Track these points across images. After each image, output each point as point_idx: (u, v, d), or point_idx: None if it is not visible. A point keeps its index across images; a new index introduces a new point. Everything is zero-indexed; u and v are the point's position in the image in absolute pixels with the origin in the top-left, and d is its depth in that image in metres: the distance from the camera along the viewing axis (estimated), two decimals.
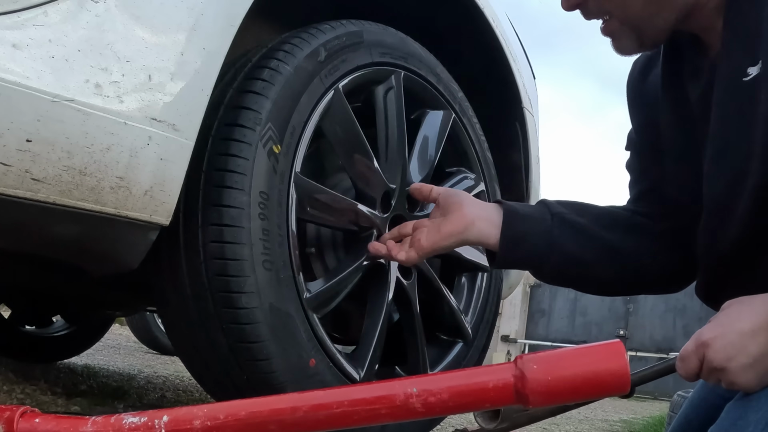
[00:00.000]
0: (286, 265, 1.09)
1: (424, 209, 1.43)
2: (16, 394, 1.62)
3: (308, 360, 1.11)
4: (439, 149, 1.46)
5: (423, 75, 1.44)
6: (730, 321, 0.75)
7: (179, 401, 2.20)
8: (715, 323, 0.77)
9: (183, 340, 1.17)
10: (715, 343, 0.75)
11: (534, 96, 1.84)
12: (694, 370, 0.79)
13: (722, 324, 0.76)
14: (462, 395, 0.74)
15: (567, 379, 0.72)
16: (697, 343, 0.77)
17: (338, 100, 1.21)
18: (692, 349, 0.78)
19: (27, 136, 0.79)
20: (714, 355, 0.75)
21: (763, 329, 0.73)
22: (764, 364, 0.73)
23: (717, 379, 0.77)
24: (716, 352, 0.75)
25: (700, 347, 0.77)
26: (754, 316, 0.74)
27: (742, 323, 0.74)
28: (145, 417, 0.75)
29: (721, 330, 0.75)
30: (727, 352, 0.74)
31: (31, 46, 0.79)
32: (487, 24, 1.58)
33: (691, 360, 0.78)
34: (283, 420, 0.74)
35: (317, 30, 1.21)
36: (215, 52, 0.98)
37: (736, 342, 0.73)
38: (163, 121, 0.91)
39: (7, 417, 0.76)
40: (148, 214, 0.92)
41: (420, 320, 1.37)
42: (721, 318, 0.77)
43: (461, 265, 1.57)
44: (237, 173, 1.04)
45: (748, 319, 0.74)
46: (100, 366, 3.01)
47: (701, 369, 0.78)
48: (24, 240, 0.97)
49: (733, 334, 0.74)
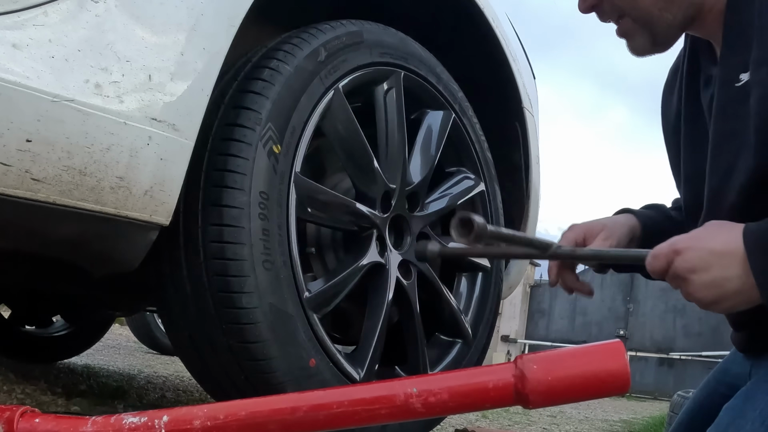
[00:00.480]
0: (286, 265, 1.09)
1: (424, 209, 1.43)
2: (16, 394, 1.62)
3: (308, 360, 1.11)
4: (439, 149, 1.46)
5: (423, 75, 1.44)
6: (706, 237, 0.79)
7: (179, 401, 2.20)
8: (693, 235, 0.80)
9: (183, 340, 1.17)
10: (686, 253, 0.78)
11: (534, 96, 1.84)
12: (661, 270, 0.81)
13: (698, 238, 0.79)
14: (462, 395, 0.74)
15: (567, 379, 0.72)
16: (670, 248, 0.80)
17: (338, 100, 1.21)
18: (665, 252, 0.80)
19: (27, 136, 0.79)
20: (681, 264, 0.78)
21: (731, 254, 0.76)
22: (723, 287, 0.76)
23: (677, 285, 0.80)
24: (684, 261, 0.78)
25: (671, 252, 0.79)
26: (728, 240, 0.76)
27: (715, 243, 0.77)
28: (145, 417, 0.75)
29: (695, 243, 0.78)
30: (694, 264, 0.77)
31: (31, 46, 0.79)
32: (488, 24, 1.58)
33: (661, 261, 0.81)
34: (283, 420, 0.74)
35: (317, 30, 1.21)
36: (215, 52, 0.98)
37: (704, 257, 0.76)
38: (163, 121, 0.91)
39: (7, 417, 0.76)
40: (148, 214, 0.92)
41: (420, 320, 1.37)
42: (699, 232, 0.80)
43: (461, 266, 1.57)
44: (237, 173, 1.04)
45: (722, 240, 0.77)
46: (100, 366, 3.01)
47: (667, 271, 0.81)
48: (24, 240, 0.97)
49: (704, 250, 0.77)
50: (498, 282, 1.65)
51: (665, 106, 1.11)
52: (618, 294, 11.16)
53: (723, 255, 0.76)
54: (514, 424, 2.86)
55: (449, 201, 1.51)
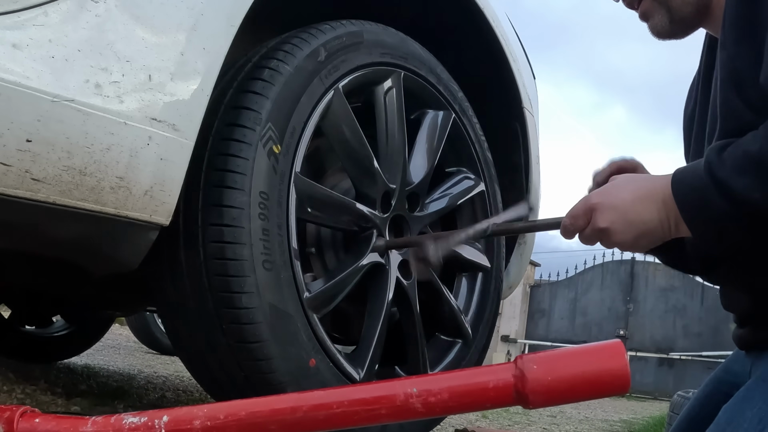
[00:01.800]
0: (286, 265, 1.09)
1: (424, 209, 1.43)
2: (16, 394, 1.62)
3: (308, 360, 1.11)
4: (439, 149, 1.46)
5: (423, 75, 1.44)
6: (616, 191, 0.88)
7: (179, 401, 2.20)
8: (604, 190, 0.90)
9: (183, 340, 1.17)
10: (601, 207, 0.88)
11: (534, 96, 1.84)
12: (581, 227, 0.91)
13: (609, 193, 0.89)
14: (462, 395, 0.74)
15: (567, 379, 0.72)
16: (586, 206, 0.89)
17: (338, 100, 1.21)
18: (581, 211, 0.90)
19: (27, 136, 0.79)
20: (600, 217, 0.87)
21: (640, 199, 0.86)
22: (638, 227, 0.86)
23: (599, 238, 0.89)
24: (601, 214, 0.87)
25: (588, 210, 0.89)
26: (635, 188, 0.87)
27: (625, 193, 0.87)
28: (145, 417, 0.75)
29: (607, 198, 0.88)
30: (610, 216, 0.87)
31: (31, 46, 0.79)
32: (488, 24, 1.58)
33: (580, 219, 0.90)
34: (283, 420, 0.74)
35: (317, 30, 1.21)
36: (215, 52, 0.98)
37: (619, 208, 0.86)
38: (163, 121, 0.91)
39: (7, 417, 0.76)
40: (148, 214, 0.92)
41: (420, 320, 1.37)
42: (608, 187, 0.90)
43: (461, 265, 1.57)
44: (237, 173, 1.04)
45: (630, 190, 0.87)
46: (100, 366, 3.01)
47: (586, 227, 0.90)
48: (24, 240, 0.97)
49: (618, 201, 0.87)
50: (498, 282, 1.65)
51: (686, 105, 1.13)
52: (618, 294, 11.16)
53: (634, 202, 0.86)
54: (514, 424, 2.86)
55: (449, 201, 1.51)
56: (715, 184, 0.78)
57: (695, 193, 0.81)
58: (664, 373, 10.42)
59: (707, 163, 0.80)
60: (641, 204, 0.86)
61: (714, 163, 0.79)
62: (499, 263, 1.66)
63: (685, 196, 0.82)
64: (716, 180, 0.78)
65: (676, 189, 0.83)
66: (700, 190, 0.80)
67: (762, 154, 0.75)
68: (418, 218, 1.41)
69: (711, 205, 0.79)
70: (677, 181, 0.84)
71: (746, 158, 0.77)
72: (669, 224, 0.85)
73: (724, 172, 0.78)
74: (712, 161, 0.80)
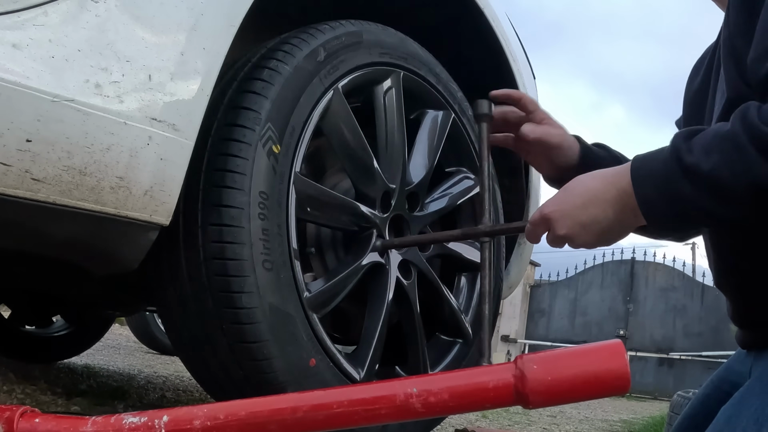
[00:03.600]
0: (286, 265, 1.09)
1: (423, 209, 1.43)
2: (16, 394, 1.62)
3: (308, 360, 1.11)
4: (439, 149, 1.46)
5: (422, 75, 1.44)
6: (567, 197, 0.91)
7: (179, 401, 2.20)
8: (557, 198, 0.92)
9: (183, 340, 1.17)
10: (555, 216, 0.90)
11: (534, 96, 1.84)
12: (543, 233, 0.95)
13: (561, 200, 0.91)
14: (462, 395, 0.74)
15: (567, 379, 0.72)
16: (542, 216, 0.92)
17: (338, 100, 1.21)
18: (538, 221, 0.93)
19: (27, 136, 0.79)
20: (557, 225, 0.90)
21: (591, 201, 0.88)
22: (595, 229, 0.88)
23: (563, 242, 0.92)
24: (557, 222, 0.90)
25: (545, 219, 0.92)
26: (585, 191, 0.89)
27: (576, 198, 0.89)
28: (145, 417, 0.75)
29: (560, 206, 0.90)
30: (566, 223, 0.89)
31: (31, 46, 0.79)
32: (487, 24, 1.58)
33: (540, 228, 0.94)
34: (283, 420, 0.74)
35: (316, 30, 1.21)
36: (215, 52, 0.98)
37: (572, 214, 0.89)
38: (163, 121, 0.91)
39: (7, 417, 0.76)
40: (148, 214, 0.92)
41: (420, 320, 1.37)
42: (560, 194, 0.93)
43: (461, 265, 1.57)
44: (237, 173, 1.04)
45: (579, 194, 0.89)
46: (100, 366, 3.01)
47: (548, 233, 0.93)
48: (24, 240, 0.97)
49: (569, 207, 0.89)
50: (498, 282, 1.65)
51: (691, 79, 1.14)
52: (618, 294, 11.16)
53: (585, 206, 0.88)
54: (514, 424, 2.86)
55: (449, 201, 1.51)
56: (682, 169, 0.79)
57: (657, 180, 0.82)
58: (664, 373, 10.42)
59: (675, 149, 0.81)
60: (593, 206, 0.87)
61: (682, 149, 0.80)
62: (500, 264, 1.66)
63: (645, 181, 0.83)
64: (684, 165, 0.79)
65: (636, 177, 0.84)
66: (664, 176, 0.81)
67: (734, 132, 0.77)
68: (418, 218, 1.41)
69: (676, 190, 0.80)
70: (636, 169, 0.84)
71: (716, 138, 0.78)
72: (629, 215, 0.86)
73: (691, 157, 0.79)
74: (680, 148, 0.81)
